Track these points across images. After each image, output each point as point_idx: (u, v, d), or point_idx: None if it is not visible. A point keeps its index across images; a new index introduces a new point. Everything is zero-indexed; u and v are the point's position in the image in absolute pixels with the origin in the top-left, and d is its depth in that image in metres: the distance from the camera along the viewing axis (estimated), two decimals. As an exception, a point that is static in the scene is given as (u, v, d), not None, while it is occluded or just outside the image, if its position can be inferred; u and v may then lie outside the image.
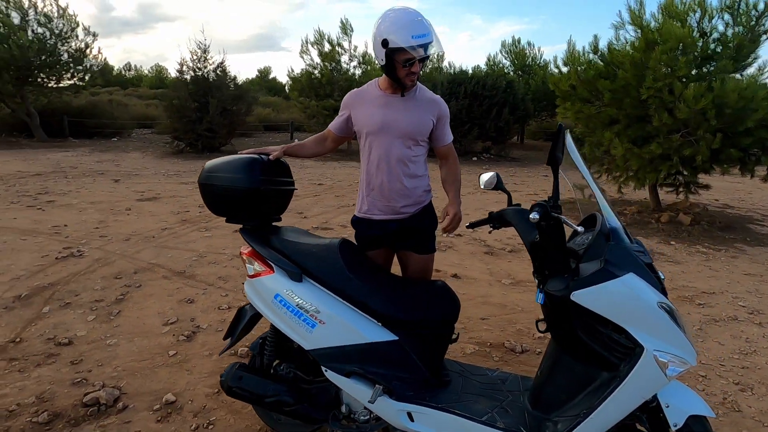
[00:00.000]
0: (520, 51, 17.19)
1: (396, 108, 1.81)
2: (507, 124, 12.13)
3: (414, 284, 1.86)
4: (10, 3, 12.42)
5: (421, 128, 1.82)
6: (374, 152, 1.85)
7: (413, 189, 1.89)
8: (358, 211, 1.98)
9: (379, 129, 1.81)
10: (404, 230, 1.94)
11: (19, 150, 11.63)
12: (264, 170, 1.82)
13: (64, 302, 3.16)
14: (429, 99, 1.87)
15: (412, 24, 1.65)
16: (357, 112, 1.88)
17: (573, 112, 6.13)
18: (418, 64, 1.70)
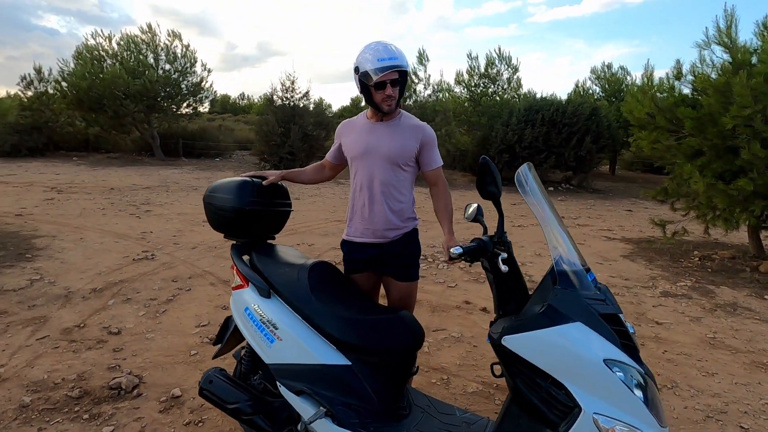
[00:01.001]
0: (611, 76, 16.04)
1: (379, 133, 1.88)
2: (589, 153, 11.31)
3: (379, 312, 1.86)
4: (149, 45, 15.04)
5: (403, 152, 1.87)
6: (358, 176, 1.94)
7: (395, 213, 1.93)
8: (344, 234, 2.06)
9: (363, 153, 1.89)
10: (385, 255, 1.97)
11: (141, 166, 13.79)
12: (254, 192, 2.00)
13: (126, 297, 3.68)
14: (413, 125, 1.92)
15: (379, 50, 1.75)
16: (346, 139, 1.99)
17: (649, 142, 5.57)
18: (391, 88, 1.77)
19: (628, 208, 9.73)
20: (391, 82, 1.75)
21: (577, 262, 1.43)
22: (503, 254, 1.41)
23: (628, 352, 1.28)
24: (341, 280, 1.96)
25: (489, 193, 1.43)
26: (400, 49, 1.79)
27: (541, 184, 1.57)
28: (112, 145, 16.72)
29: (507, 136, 11.39)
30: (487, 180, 1.42)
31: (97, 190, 9.10)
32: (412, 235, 2.02)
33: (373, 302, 1.97)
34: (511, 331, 1.33)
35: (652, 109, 5.53)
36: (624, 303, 4.00)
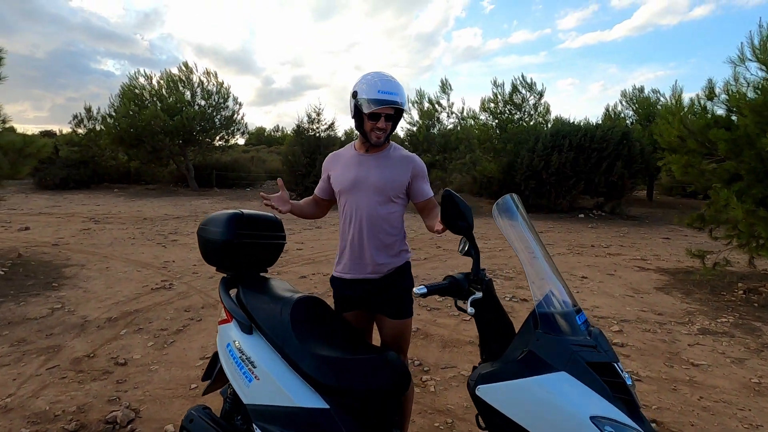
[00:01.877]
0: (643, 100, 15.56)
1: (368, 165, 1.84)
2: (621, 179, 10.86)
3: (363, 352, 1.76)
4: (185, 83, 16.01)
5: (393, 184, 1.81)
6: (347, 210, 1.89)
7: (386, 247, 1.87)
8: (334, 270, 2.00)
9: (351, 186, 1.85)
10: (377, 291, 1.89)
11: (175, 197, 14.41)
12: (244, 225, 1.99)
13: (138, 327, 3.72)
14: (402, 156, 1.87)
15: (382, 81, 1.73)
16: (334, 173, 1.94)
17: (680, 166, 5.26)
18: (384, 122, 1.74)
19: (665, 236, 9.17)
20: (386, 116, 1.74)
21: (566, 301, 1.30)
22: (476, 294, 1.29)
23: (624, 407, 1.12)
24: (328, 317, 1.88)
25: (458, 228, 1.33)
26: (400, 85, 1.77)
27: (525, 216, 1.46)
28: (150, 177, 17.64)
29: (533, 162, 11.14)
30: (452, 213, 1.33)
31: (131, 220, 9.53)
32: (405, 269, 1.94)
33: (361, 341, 1.87)
34: (487, 380, 1.20)
35: (683, 132, 5.26)
36: (655, 341, 3.68)
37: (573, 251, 7.38)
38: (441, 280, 1.33)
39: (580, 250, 7.52)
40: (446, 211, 1.32)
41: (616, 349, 3.54)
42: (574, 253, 7.25)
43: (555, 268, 1.39)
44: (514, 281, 5.38)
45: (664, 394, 2.85)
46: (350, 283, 1.91)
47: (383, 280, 1.88)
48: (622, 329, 3.92)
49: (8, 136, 4.81)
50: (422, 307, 4.25)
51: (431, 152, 12.54)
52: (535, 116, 14.58)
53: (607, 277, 5.69)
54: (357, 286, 1.90)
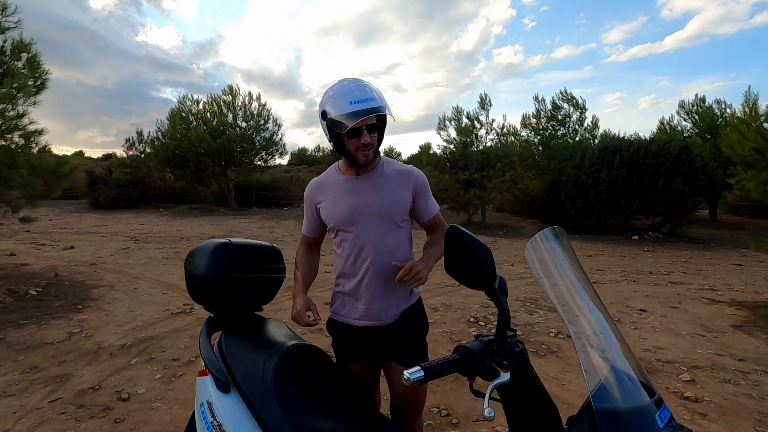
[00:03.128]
0: (705, 111, 14.31)
1: (363, 191, 1.53)
2: (681, 197, 9.86)
3: (358, 422, 1.39)
4: (229, 107, 16.61)
5: (397, 207, 1.52)
6: (346, 246, 1.57)
7: (397, 285, 1.52)
8: (333, 313, 1.67)
9: (350, 219, 1.53)
10: (388, 338, 1.56)
11: (214, 216, 14.76)
12: (232, 257, 1.72)
13: (150, 356, 3.53)
14: (400, 171, 1.57)
15: (351, 90, 1.41)
16: (322, 204, 1.62)
17: (757, 183, 4.55)
18: (368, 135, 1.42)
19: (736, 262, 8.12)
20: (368, 127, 1.41)
21: (637, 387, 0.88)
22: (502, 376, 0.90)
23: None
24: (325, 372, 1.54)
25: (471, 279, 0.95)
26: (373, 86, 1.45)
27: (573, 255, 1.06)
28: (194, 197, 18.30)
29: (579, 179, 10.39)
30: (462, 260, 0.94)
31: (169, 239, 9.72)
32: (418, 308, 1.61)
33: (359, 406, 1.50)
34: None
35: (760, 144, 4.56)
36: (739, 395, 3.02)
37: (627, 278, 6.62)
38: (450, 354, 0.95)
39: (635, 277, 6.74)
40: (452, 256, 0.94)
41: (689, 405, 2.92)
42: (629, 280, 6.49)
43: (618, 331, 0.98)
44: (560, 313, 4.78)
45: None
46: (354, 331, 1.58)
47: (394, 324, 1.55)
48: (694, 378, 3.28)
49: (43, 158, 4.93)
50: (451, 340, 3.81)
51: (469, 170, 12.07)
52: (580, 131, 13.79)
53: (670, 311, 4.97)
54: (363, 332, 1.57)
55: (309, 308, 1.59)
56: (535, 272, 0.98)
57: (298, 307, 1.57)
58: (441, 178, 11.90)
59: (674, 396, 3.02)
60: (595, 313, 1.01)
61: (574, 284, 1.03)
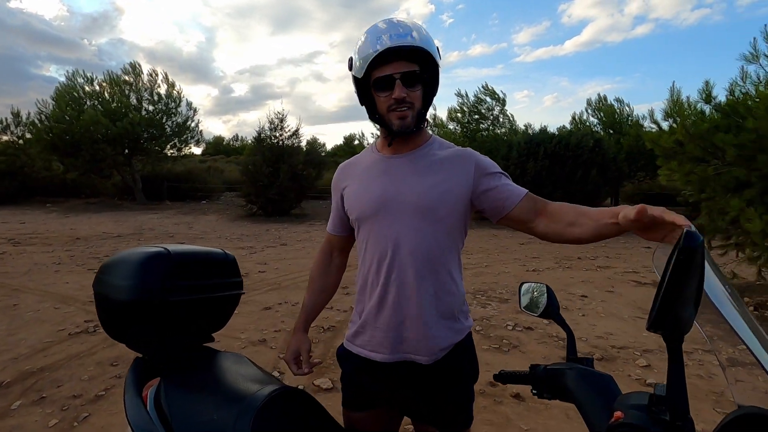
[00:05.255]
0: (608, 108, 15.82)
1: (400, 173, 1.11)
2: (596, 187, 10.70)
3: None
4: (132, 87, 14.61)
5: (444, 198, 1.07)
6: (370, 247, 1.13)
7: (441, 310, 1.10)
8: (349, 341, 1.21)
9: (377, 209, 1.10)
10: (421, 384, 1.12)
11: (118, 212, 12.94)
12: (169, 273, 1.19)
13: (40, 395, 2.73)
14: (454, 154, 1.13)
15: (385, 26, 1.00)
16: (347, 190, 1.19)
17: (681, 174, 4.88)
18: (402, 88, 1.00)
19: (646, 245, 8.97)
20: (403, 77, 1.00)
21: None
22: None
23: None
24: (315, 426, 1.11)
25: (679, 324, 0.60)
26: (418, 25, 1.03)
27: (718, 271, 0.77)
28: (91, 190, 15.93)
29: (509, 170, 10.79)
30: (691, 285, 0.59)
31: (60, 240, 8.20)
32: (466, 346, 1.17)
33: None
34: None
35: (683, 137, 4.89)
36: (690, 376, 3.12)
37: (561, 265, 6.92)
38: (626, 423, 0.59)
39: (568, 263, 7.07)
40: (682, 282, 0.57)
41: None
42: (563, 267, 6.78)
43: None
44: (511, 304, 4.75)
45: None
46: (378, 368, 1.13)
47: (433, 366, 1.10)
48: (649, 364, 3.35)
49: None
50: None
51: (402, 161, 11.97)
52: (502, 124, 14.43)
53: (607, 295, 5.20)
54: (387, 371, 1.12)
55: (301, 353, 1.17)
56: None
57: (287, 353, 1.18)
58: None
59: (638, 384, 3.04)
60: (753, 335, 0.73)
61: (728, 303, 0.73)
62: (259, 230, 10.04)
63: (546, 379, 0.93)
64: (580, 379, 0.86)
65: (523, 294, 1.14)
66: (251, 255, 7.21)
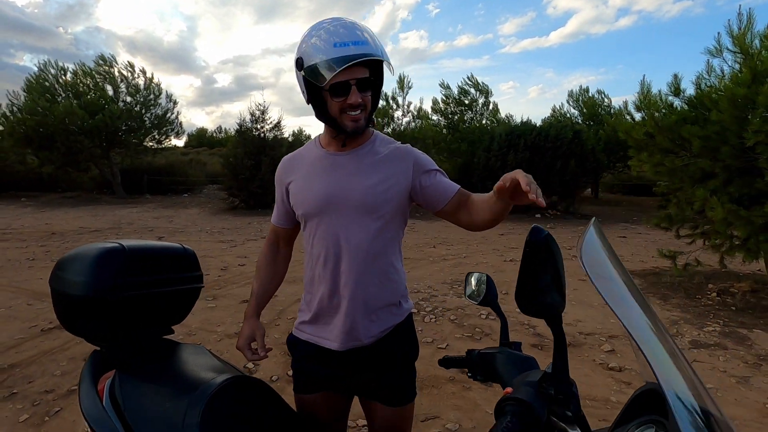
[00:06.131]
0: (588, 100, 16.04)
1: (345, 170, 1.16)
2: (574, 178, 10.90)
3: None
4: (106, 78, 14.24)
5: (387, 195, 1.14)
6: (318, 242, 1.18)
7: (383, 297, 1.18)
8: (300, 329, 1.26)
9: (323, 206, 1.15)
10: (367, 365, 1.19)
11: (96, 206, 12.70)
12: (124, 268, 1.22)
13: (11, 391, 2.72)
14: (396, 149, 1.20)
15: (337, 30, 1.03)
16: (292, 185, 1.22)
17: (651, 165, 5.02)
18: (358, 94, 1.05)
19: (620, 235, 9.21)
20: (358, 83, 1.05)
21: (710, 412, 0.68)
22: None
23: None
24: (271, 413, 1.16)
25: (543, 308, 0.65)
26: (370, 31, 1.07)
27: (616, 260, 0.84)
28: (68, 184, 15.57)
29: (489, 162, 10.92)
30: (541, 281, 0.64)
31: (35, 235, 8.03)
32: (407, 327, 1.25)
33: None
34: None
35: (652, 129, 5.02)
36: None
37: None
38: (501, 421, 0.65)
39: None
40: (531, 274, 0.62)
41: (614, 375, 3.08)
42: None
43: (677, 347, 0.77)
44: (487, 293, 4.86)
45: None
46: (324, 353, 1.20)
47: (376, 346, 1.18)
48: (613, 348, 3.49)
49: None
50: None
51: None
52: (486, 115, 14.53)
53: (579, 284, 5.35)
54: (339, 357, 1.19)
55: (255, 338, 1.21)
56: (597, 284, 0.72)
57: (241, 339, 1.21)
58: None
59: (601, 368, 3.16)
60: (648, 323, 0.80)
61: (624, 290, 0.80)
62: (241, 223, 9.98)
63: (480, 363, 1.00)
64: (507, 362, 0.93)
65: (468, 284, 1.21)
66: (232, 248, 7.19)
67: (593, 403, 2.71)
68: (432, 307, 4.39)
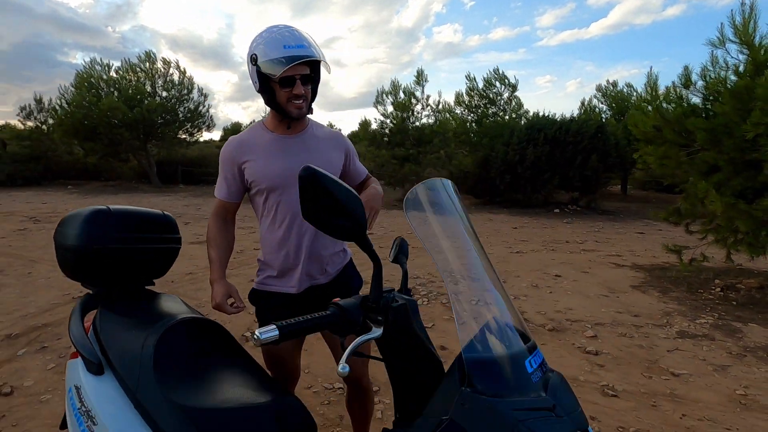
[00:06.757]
0: (617, 94, 15.54)
1: (297, 151, 1.46)
2: (596, 173, 10.69)
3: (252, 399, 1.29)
4: (147, 74, 15.11)
5: (331, 169, 1.46)
6: (282, 210, 1.46)
7: (333, 247, 1.55)
8: (261, 283, 1.56)
9: (284, 181, 1.43)
10: (323, 299, 1.49)
11: (134, 194, 13.57)
12: (108, 226, 1.51)
13: (42, 345, 3.15)
14: (330, 134, 1.58)
15: (284, 35, 1.33)
16: (249, 164, 1.47)
17: (656, 158, 4.98)
18: (301, 86, 1.34)
19: (639, 231, 9.02)
20: (302, 78, 1.34)
21: (512, 335, 0.88)
22: (374, 331, 0.85)
23: None
24: (222, 348, 1.41)
25: (337, 229, 0.85)
26: (310, 37, 1.37)
27: (461, 208, 1.03)
28: (110, 173, 16.65)
29: (508, 156, 10.86)
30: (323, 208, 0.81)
31: (77, 218, 8.77)
32: (351, 266, 1.64)
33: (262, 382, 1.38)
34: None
35: (659, 122, 4.97)
36: (632, 347, 3.34)
37: (547, 247, 7.08)
38: (323, 312, 0.87)
39: (554, 246, 7.23)
40: (311, 202, 0.82)
41: (590, 358, 3.18)
42: (548, 249, 6.95)
43: (500, 283, 0.97)
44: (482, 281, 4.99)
45: (644, 412, 2.50)
46: (291, 299, 1.51)
47: (330, 284, 1.55)
48: (596, 334, 3.58)
49: None
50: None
51: (405, 146, 12.13)
52: (509, 111, 14.37)
53: (582, 275, 5.39)
54: (300, 299, 1.51)
55: (231, 295, 1.47)
56: (417, 230, 0.92)
57: (218, 297, 1.44)
58: (378, 153, 11.86)
59: (578, 351, 3.27)
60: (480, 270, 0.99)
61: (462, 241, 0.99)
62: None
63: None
64: None
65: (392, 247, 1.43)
66: (250, 234, 7.61)
67: (561, 380, 2.84)
68: (427, 291, 4.58)
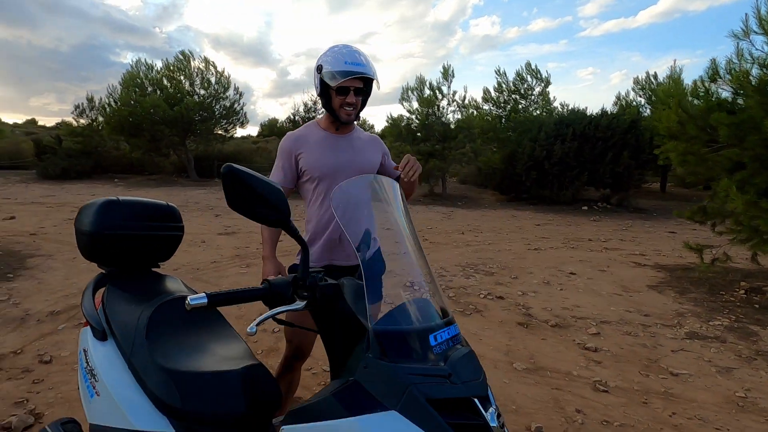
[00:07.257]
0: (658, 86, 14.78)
1: (345, 148, 1.75)
2: (627, 169, 10.31)
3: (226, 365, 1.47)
4: (186, 73, 15.90)
5: (371, 168, 1.77)
6: (329, 196, 1.73)
7: None
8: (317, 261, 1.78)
9: (335, 171, 1.69)
10: None
11: (173, 187, 14.38)
12: (116, 214, 1.74)
13: (79, 322, 3.53)
14: (370, 137, 1.88)
15: (349, 53, 1.61)
16: (304, 155, 1.74)
17: (677, 154, 4.83)
18: (353, 96, 1.61)
19: (671, 230, 8.67)
20: (354, 90, 1.61)
21: (427, 314, 1.01)
22: (296, 304, 1.00)
23: None
24: (208, 321, 1.61)
25: (262, 217, 1.01)
26: (368, 58, 1.65)
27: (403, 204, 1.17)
28: (153, 167, 17.67)
29: (535, 151, 10.67)
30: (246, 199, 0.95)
31: (120, 209, 9.45)
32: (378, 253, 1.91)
33: (239, 352, 1.57)
34: (295, 419, 0.91)
35: (682, 117, 4.82)
36: (635, 346, 3.33)
37: (567, 245, 6.98)
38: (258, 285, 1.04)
39: (575, 243, 7.11)
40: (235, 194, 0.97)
41: (587, 354, 3.19)
42: (569, 247, 6.85)
43: (425, 262, 1.10)
44: (495, 277, 5.04)
45: (632, 408, 2.52)
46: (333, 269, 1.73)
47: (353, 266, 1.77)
48: (599, 332, 3.57)
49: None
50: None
51: (430, 141, 12.15)
52: (540, 105, 14.04)
53: (598, 274, 5.31)
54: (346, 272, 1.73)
55: (279, 272, 1.68)
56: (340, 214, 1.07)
57: (269, 272, 1.67)
58: (403, 148, 11.95)
59: (577, 347, 3.29)
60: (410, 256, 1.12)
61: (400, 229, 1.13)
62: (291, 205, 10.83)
63: None
64: None
65: None
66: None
67: (553, 374, 2.89)
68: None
